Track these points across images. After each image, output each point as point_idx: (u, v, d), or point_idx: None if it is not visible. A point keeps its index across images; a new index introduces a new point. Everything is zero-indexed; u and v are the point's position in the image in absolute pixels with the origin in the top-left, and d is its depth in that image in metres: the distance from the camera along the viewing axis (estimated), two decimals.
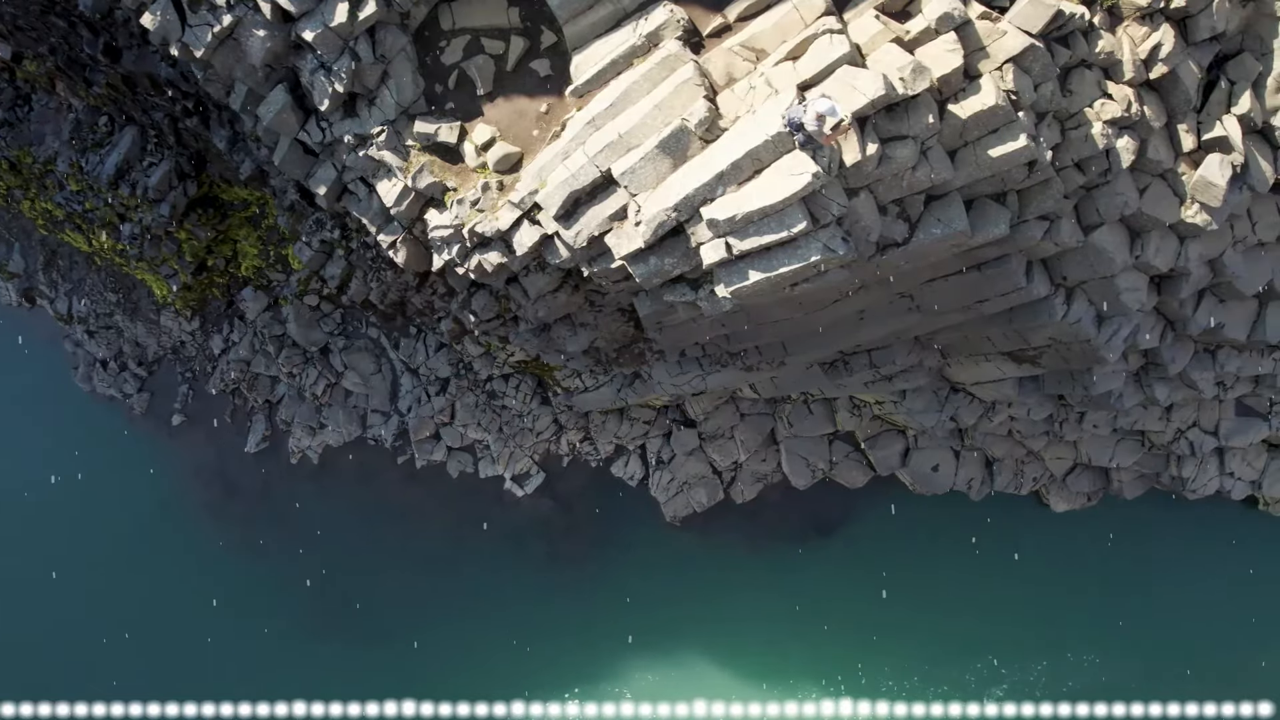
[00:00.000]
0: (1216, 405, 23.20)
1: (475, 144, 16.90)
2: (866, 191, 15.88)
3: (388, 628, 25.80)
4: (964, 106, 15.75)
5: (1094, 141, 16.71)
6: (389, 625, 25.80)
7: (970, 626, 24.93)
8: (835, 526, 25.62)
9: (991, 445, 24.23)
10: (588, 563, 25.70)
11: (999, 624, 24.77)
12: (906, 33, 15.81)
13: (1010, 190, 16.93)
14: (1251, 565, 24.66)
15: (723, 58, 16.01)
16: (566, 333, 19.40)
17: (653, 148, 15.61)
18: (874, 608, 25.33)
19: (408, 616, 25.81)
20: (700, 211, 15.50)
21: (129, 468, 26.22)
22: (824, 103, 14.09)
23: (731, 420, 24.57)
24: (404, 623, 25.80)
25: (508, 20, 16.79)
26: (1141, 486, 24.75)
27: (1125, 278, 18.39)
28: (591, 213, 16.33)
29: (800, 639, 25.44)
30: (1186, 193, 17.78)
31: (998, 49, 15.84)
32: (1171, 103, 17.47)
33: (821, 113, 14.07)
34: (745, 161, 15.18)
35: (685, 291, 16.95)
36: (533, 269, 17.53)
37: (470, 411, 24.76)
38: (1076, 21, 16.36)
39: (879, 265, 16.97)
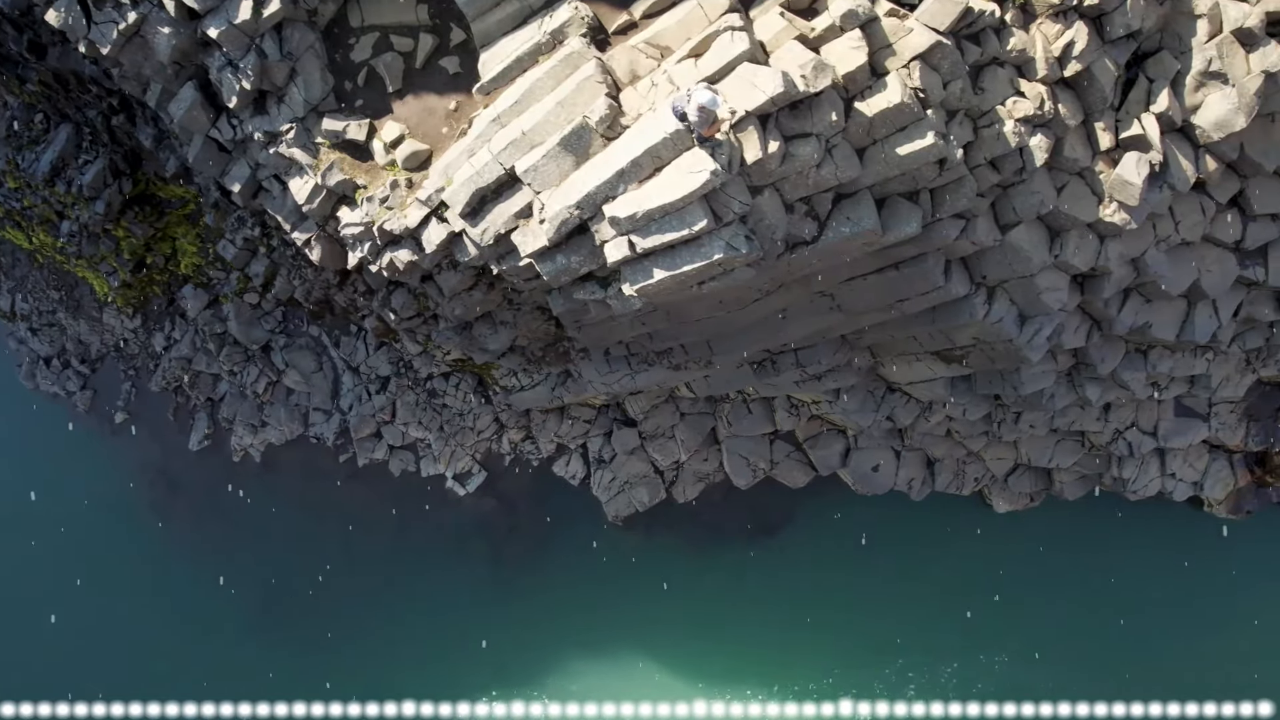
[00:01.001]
0: (1155, 406, 23.05)
1: (384, 141, 16.88)
2: (771, 189, 15.81)
3: (333, 627, 25.78)
4: (870, 104, 15.66)
5: (1006, 140, 16.59)
6: (334, 624, 25.78)
7: (910, 627, 24.82)
8: (778, 526, 25.52)
9: (931, 445, 24.12)
10: (530, 562, 25.65)
11: (939, 625, 24.65)
12: (812, 30, 15.73)
13: (923, 189, 16.81)
14: (1194, 565, 24.50)
15: (626, 55, 15.95)
16: (487, 331, 19.36)
17: (555, 145, 15.57)
18: (817, 608, 25.30)
19: (352, 615, 25.78)
20: (603, 209, 15.48)
21: (73, 465, 26.26)
22: (705, 94, 14.03)
23: (671, 419, 24.49)
24: (349, 622, 25.78)
25: (417, 17, 16.77)
26: (1083, 487, 24.61)
27: (1045, 277, 18.27)
28: (497, 210, 16.30)
29: (743, 638, 25.35)
30: (1105, 192, 17.65)
31: (904, 46, 15.72)
32: (1088, 101, 17.34)
33: (704, 105, 14.01)
34: (645, 159, 15.12)
35: (595, 289, 16.90)
36: (445, 267, 17.49)
37: (411, 410, 24.73)
38: (987, 19, 16.23)
39: (790, 264, 16.89)
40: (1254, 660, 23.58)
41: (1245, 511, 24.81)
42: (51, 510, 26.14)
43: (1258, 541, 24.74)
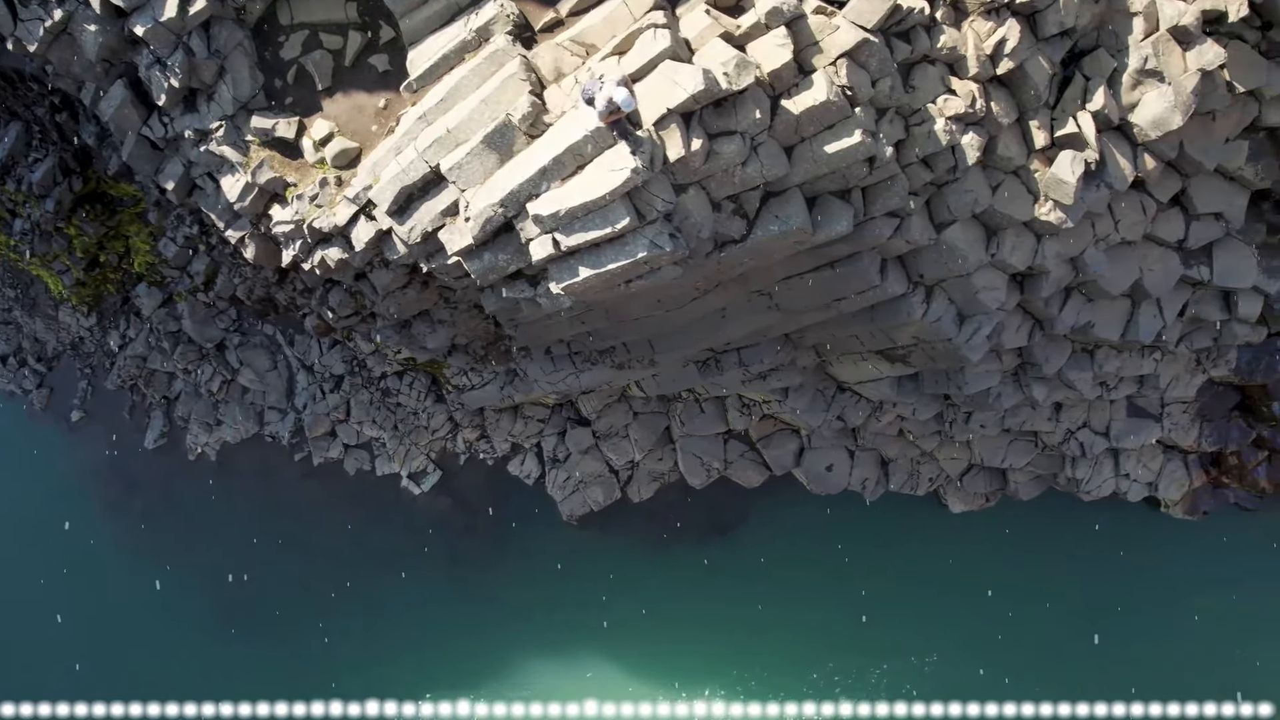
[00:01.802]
0: (1107, 406, 22.94)
1: (313, 139, 16.87)
2: (697, 187, 15.73)
3: (288, 626, 25.76)
4: (797, 102, 15.59)
5: (937, 138, 16.51)
6: (290, 623, 25.76)
7: (865, 627, 24.72)
8: (733, 526, 25.44)
9: (884, 445, 24.02)
10: (486, 560, 25.60)
11: (892, 625, 24.56)
12: (738, 27, 15.68)
13: (854, 187, 16.73)
14: (1149, 566, 24.38)
15: (551, 53, 15.90)
16: (426, 329, 19.34)
17: (479, 143, 15.54)
18: (772, 607, 25.19)
19: (309, 614, 25.75)
20: (527, 207, 15.45)
21: (30, 463, 26.28)
22: (621, 92, 13.97)
23: (625, 419, 24.44)
24: (305, 621, 25.74)
25: (346, 15, 16.77)
26: (1038, 487, 24.49)
27: (982, 276, 18.19)
28: (424, 208, 16.29)
29: (699, 638, 25.26)
30: (1040, 190, 17.56)
31: (831, 44, 15.65)
32: (1022, 99, 17.25)
33: (614, 99, 13.96)
34: (567, 156, 15.08)
35: (524, 288, 16.88)
36: (376, 265, 17.47)
37: (365, 409, 24.71)
38: (916, 16, 16.15)
39: (720, 263, 16.81)
40: (1207, 659, 23.50)
41: (1202, 512, 24.67)
42: (7, 508, 26.16)
43: (1214, 542, 24.60)
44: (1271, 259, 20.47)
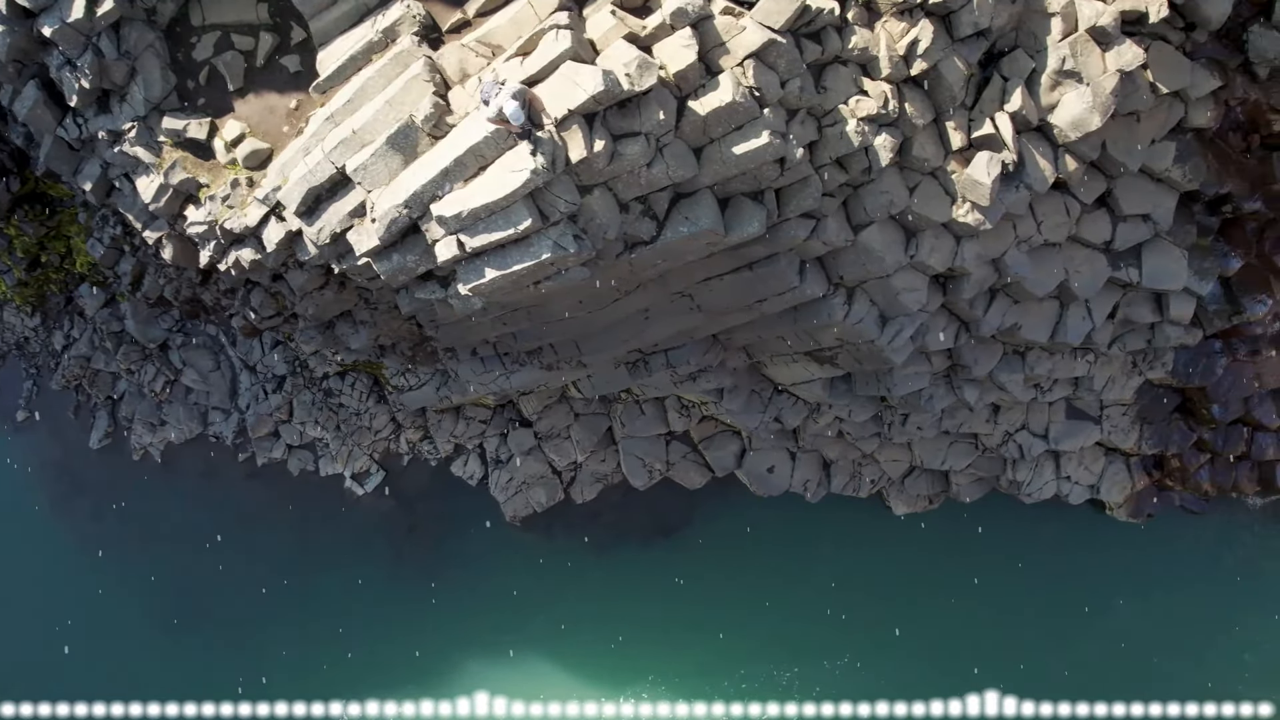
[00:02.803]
0: (1046, 408, 22.82)
1: (225, 140, 16.88)
2: (603, 188, 15.70)
3: (232, 626, 25.73)
4: (703, 103, 15.53)
5: (850, 139, 16.44)
6: (233, 623, 25.73)
7: (810, 627, 24.69)
8: (677, 527, 25.37)
9: (825, 447, 23.93)
10: (430, 561, 25.56)
11: (835, 625, 24.49)
12: (643, 28, 15.63)
13: (767, 188, 16.69)
14: (1091, 568, 24.29)
15: (456, 53, 15.87)
16: (348, 330, 19.33)
17: (383, 144, 15.51)
18: (715, 608, 25.14)
19: (252, 615, 25.73)
20: (431, 209, 15.43)
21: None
22: (511, 104, 13.95)
23: (566, 420, 24.40)
24: (248, 621, 25.73)
25: (257, 16, 16.78)
26: (980, 489, 24.39)
27: (902, 277, 18.11)
28: (332, 209, 16.25)
29: (643, 639, 25.22)
30: (958, 192, 17.48)
31: (738, 45, 15.59)
32: (938, 99, 17.17)
33: (507, 115, 13.97)
34: (469, 157, 15.05)
35: (436, 289, 16.85)
36: (291, 266, 17.46)
37: (307, 409, 24.70)
38: (826, 17, 16.08)
39: (631, 264, 16.77)
40: (1147, 660, 23.47)
41: (1146, 515, 24.54)
42: None
43: (1157, 545, 24.51)
44: (1203, 261, 20.36)
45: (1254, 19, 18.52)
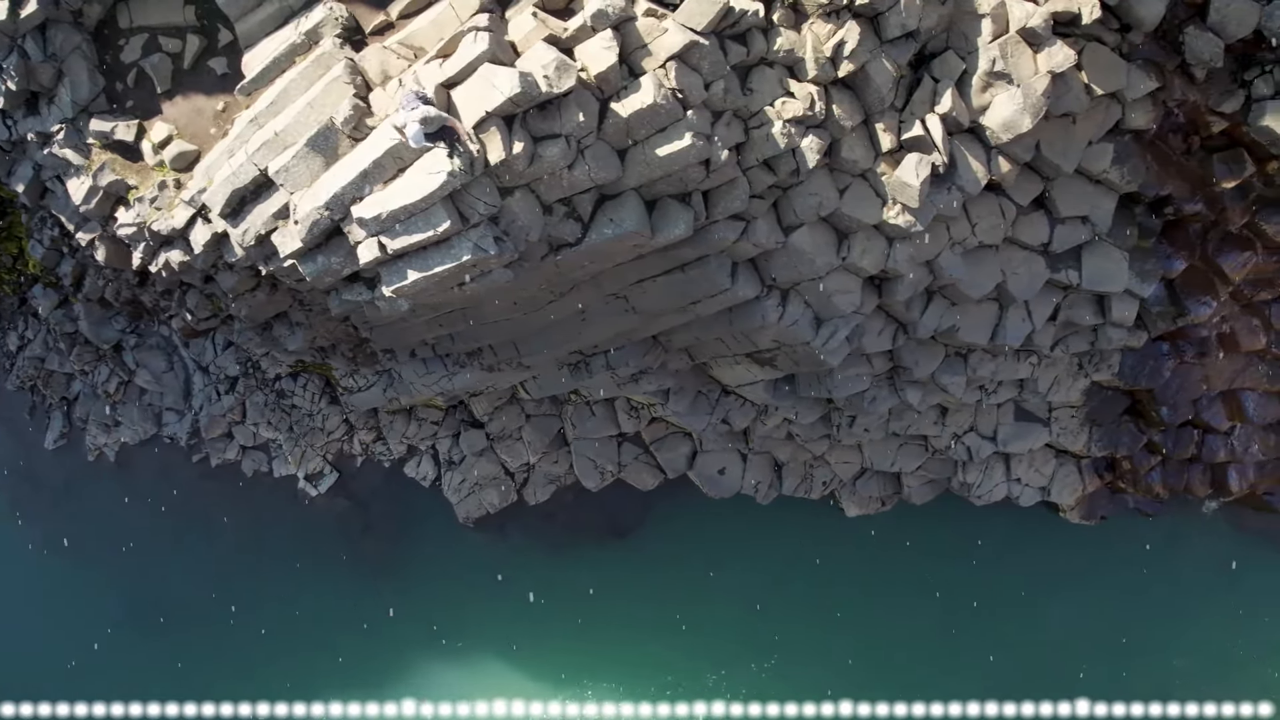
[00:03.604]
0: (994, 410, 22.76)
1: (153, 142, 16.92)
2: (525, 190, 15.71)
3: (186, 627, 25.82)
4: (625, 105, 15.53)
5: (776, 141, 16.41)
6: (188, 624, 25.81)
7: (762, 628, 24.71)
8: (631, 529, 25.36)
9: (776, 448, 23.90)
10: (384, 562, 25.60)
11: (787, 626, 24.53)
12: (564, 30, 15.64)
13: (694, 190, 16.69)
14: (1042, 569, 24.26)
15: (378, 55, 15.88)
16: (285, 331, 19.37)
17: (303, 146, 15.54)
18: (670, 609, 25.14)
19: (207, 615, 25.81)
20: (351, 210, 15.45)
21: None
22: (414, 128, 14.02)
23: (517, 421, 24.40)
24: (203, 622, 25.80)
25: (184, 19, 16.83)
26: (931, 491, 24.32)
27: (834, 279, 18.08)
28: (256, 211, 16.30)
29: (596, 639, 25.24)
30: (888, 193, 17.44)
31: (659, 46, 15.57)
32: (867, 101, 17.12)
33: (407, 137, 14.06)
34: (387, 160, 15.08)
35: (362, 291, 16.88)
36: (221, 268, 17.50)
37: (260, 410, 24.74)
38: (751, 19, 16.05)
39: (558, 266, 16.78)
40: (1080, 661, 23.51)
41: (1099, 517, 24.47)
42: None
43: (1110, 547, 24.46)
44: (1144, 263, 20.28)
45: (1190, 20, 18.47)
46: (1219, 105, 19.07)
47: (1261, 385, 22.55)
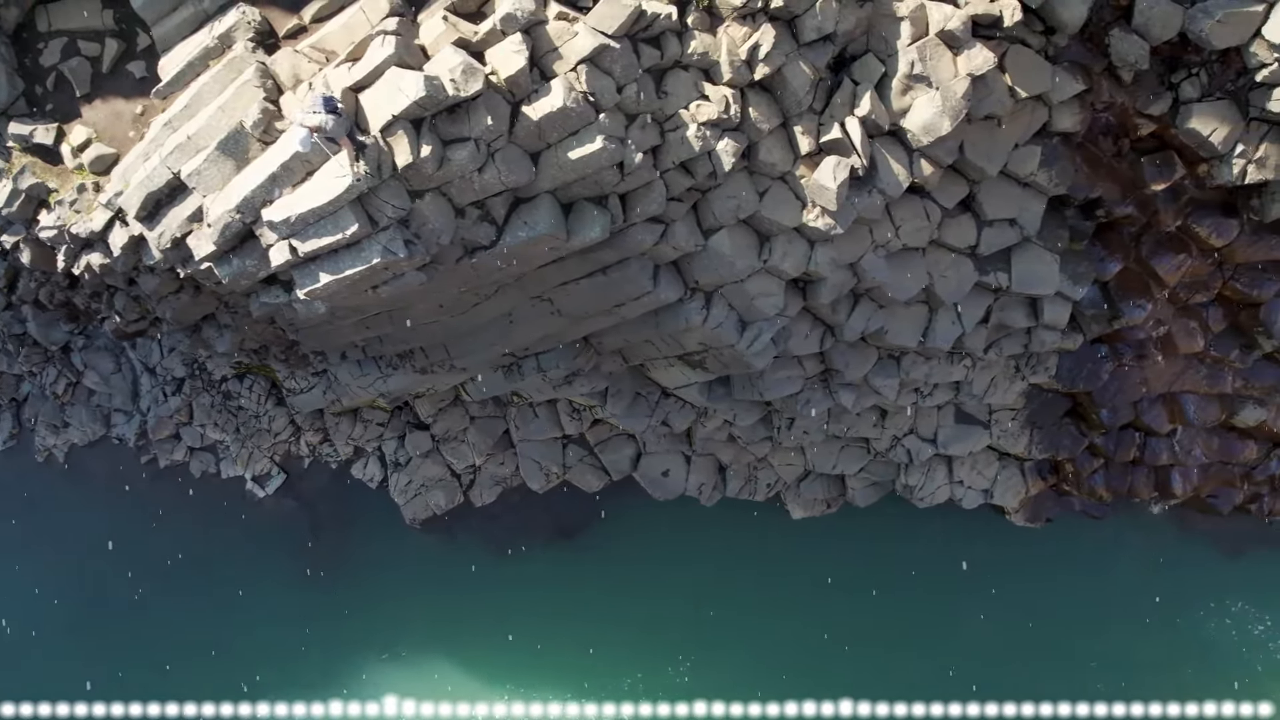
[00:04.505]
0: (934, 412, 22.74)
1: (72, 145, 17.02)
2: (435, 193, 15.75)
3: (136, 627, 25.89)
4: (536, 108, 15.56)
5: (691, 144, 16.42)
6: (137, 625, 25.88)
7: (707, 629, 24.77)
8: (577, 530, 25.41)
9: (719, 450, 23.89)
10: (332, 563, 25.64)
11: (732, 627, 24.58)
12: (475, 34, 15.68)
13: (611, 193, 16.71)
14: (983, 572, 24.28)
15: (289, 59, 15.96)
16: (213, 334, 19.44)
17: (214, 149, 15.61)
18: (617, 610, 25.21)
19: (157, 616, 25.87)
20: (261, 213, 15.52)
21: None
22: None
23: (462, 423, 24.44)
24: (152, 622, 25.87)
25: (103, 22, 16.93)
26: (875, 494, 24.32)
27: (756, 282, 18.08)
28: (172, 214, 16.38)
29: (543, 640, 25.28)
30: (807, 196, 17.44)
31: (570, 50, 15.61)
32: (785, 104, 17.11)
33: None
34: (295, 163, 15.14)
35: (279, 293, 16.94)
36: (143, 270, 17.57)
37: (207, 412, 24.82)
38: (664, 22, 16.07)
39: (474, 268, 16.81)
40: (1011, 662, 23.67)
41: (1044, 520, 24.45)
42: None
43: (1053, 549, 24.46)
44: (1076, 265, 20.25)
45: (1115, 23, 18.44)
46: (1147, 108, 19.05)
47: (1201, 388, 22.52)
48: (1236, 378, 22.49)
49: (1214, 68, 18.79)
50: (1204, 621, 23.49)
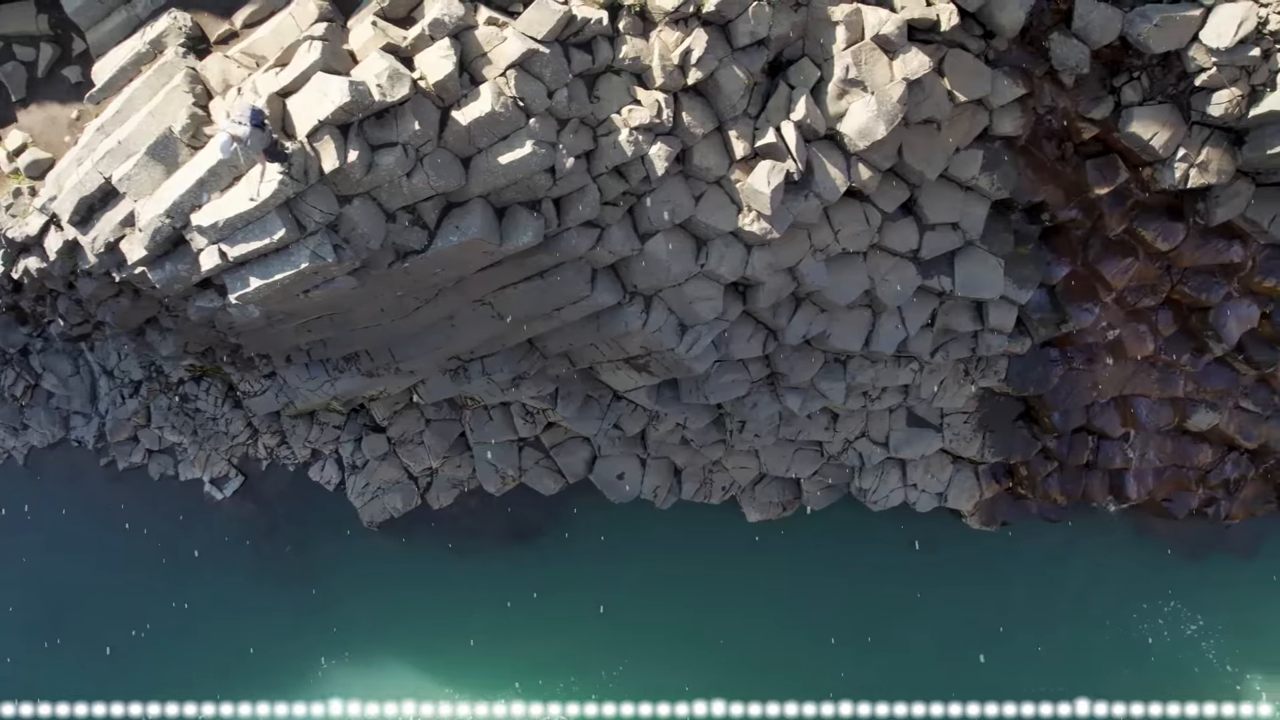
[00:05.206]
0: (886, 416, 22.74)
1: (8, 149, 17.09)
2: (365, 198, 15.79)
3: (96, 629, 25.94)
4: (465, 113, 15.62)
5: (623, 148, 16.45)
6: (97, 626, 25.91)
7: (662, 631, 24.74)
8: (534, 533, 25.40)
9: (673, 453, 23.88)
10: (290, 565, 25.64)
11: (688, 630, 24.57)
12: (404, 39, 15.73)
13: (544, 198, 16.74)
14: (929, 574, 24.28)
15: (219, 65, 16.01)
16: (157, 337, 19.50)
17: (144, 154, 15.67)
18: (574, 613, 25.18)
19: (116, 618, 25.91)
20: (191, 218, 15.56)
21: None
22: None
23: (418, 425, 24.45)
24: (112, 624, 25.89)
25: (38, 27, 16.98)
26: (830, 497, 24.27)
27: (694, 286, 18.11)
28: (105, 219, 16.44)
29: (500, 642, 25.27)
30: (742, 201, 17.45)
31: (499, 55, 15.67)
32: (719, 108, 17.15)
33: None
34: (222, 168, 15.19)
35: (214, 298, 16.99)
36: (81, 274, 17.63)
37: (164, 414, 24.87)
38: (595, 27, 16.12)
39: (408, 273, 16.84)
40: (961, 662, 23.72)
41: (1000, 523, 24.41)
42: None
43: (1007, 553, 24.44)
44: (1022, 269, 20.25)
45: (1055, 27, 18.45)
46: (1089, 111, 19.06)
47: (1153, 392, 22.50)
48: (1188, 381, 22.47)
49: (1155, 72, 18.82)
50: (1136, 624, 23.47)
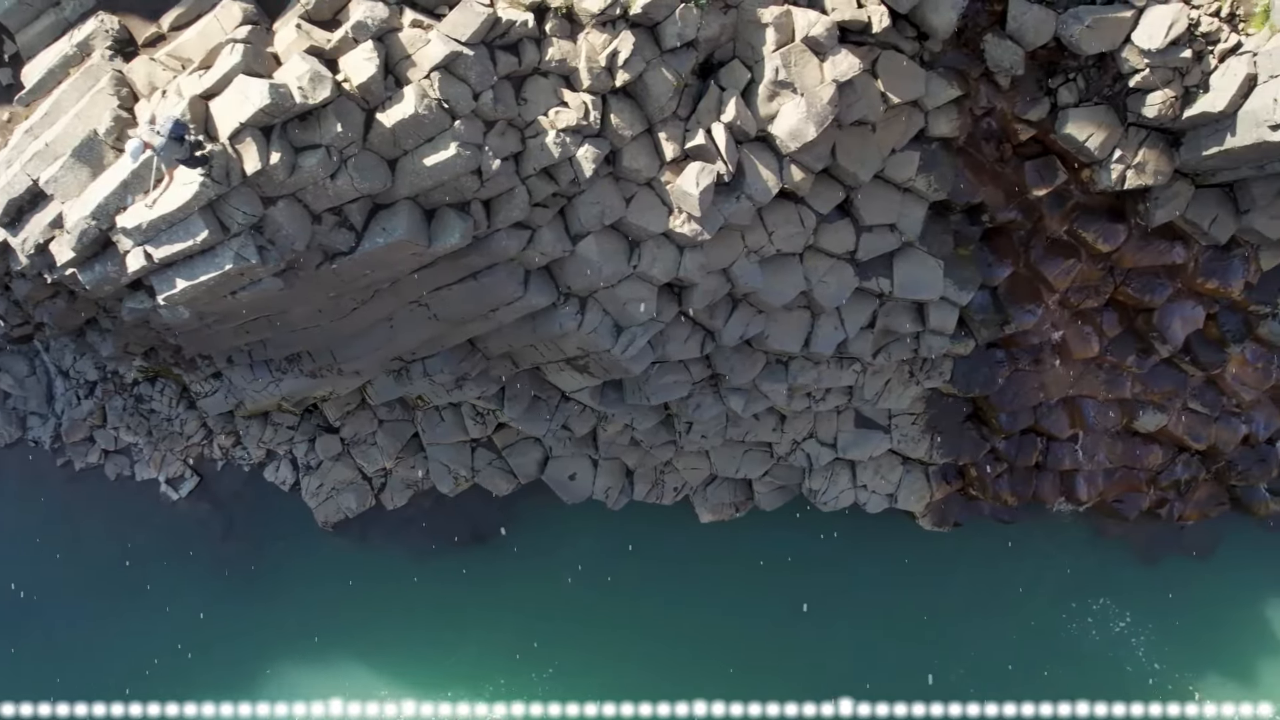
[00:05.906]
0: (835, 416, 22.76)
1: None
2: (290, 200, 15.86)
3: (52, 627, 26.05)
4: (389, 115, 15.69)
5: (550, 150, 16.51)
6: (53, 625, 26.05)
7: (619, 631, 24.81)
8: (489, 533, 25.47)
9: (624, 454, 23.90)
10: (245, 566, 25.71)
11: (644, 629, 24.63)
12: (328, 42, 15.79)
13: (473, 199, 16.80)
14: (881, 575, 24.35)
15: (145, 67, 16.09)
16: (97, 338, 19.60)
17: (70, 156, 15.75)
18: (528, 613, 25.26)
19: (74, 618, 26.02)
20: (116, 220, 15.65)
21: None
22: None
23: (370, 426, 24.51)
24: (72, 624, 26.04)
25: None
26: (781, 498, 24.30)
27: (627, 287, 18.16)
28: (34, 221, 16.52)
29: (456, 641, 25.36)
30: (672, 202, 17.49)
31: (423, 57, 15.74)
32: (648, 110, 17.19)
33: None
34: (144, 170, 15.25)
35: (144, 299, 17.06)
36: (14, 276, 17.72)
37: (119, 415, 24.98)
38: (521, 29, 16.17)
39: (336, 274, 16.90)
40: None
41: (953, 524, 24.42)
42: None
43: (961, 555, 24.47)
44: (962, 270, 20.26)
45: (990, 28, 18.46)
46: (1026, 113, 19.08)
47: (1100, 393, 22.50)
48: (1135, 383, 22.46)
49: (1091, 73, 18.82)
50: (1065, 624, 23.48)
